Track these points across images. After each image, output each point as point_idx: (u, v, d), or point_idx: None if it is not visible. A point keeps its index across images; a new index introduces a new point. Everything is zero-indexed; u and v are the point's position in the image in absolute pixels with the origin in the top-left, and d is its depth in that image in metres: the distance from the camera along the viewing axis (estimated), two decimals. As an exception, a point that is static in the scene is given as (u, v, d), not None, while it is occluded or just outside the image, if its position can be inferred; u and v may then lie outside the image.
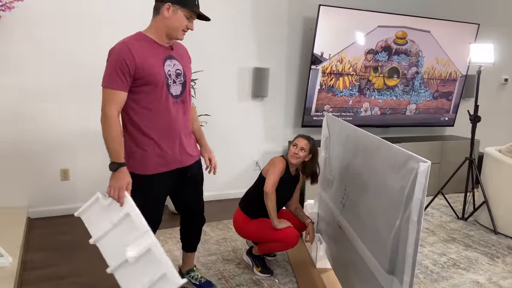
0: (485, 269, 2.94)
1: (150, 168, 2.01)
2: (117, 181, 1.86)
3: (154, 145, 2.00)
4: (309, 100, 4.28)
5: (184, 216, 2.38)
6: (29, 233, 3.19)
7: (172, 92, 2.01)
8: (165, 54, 1.99)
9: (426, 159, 1.58)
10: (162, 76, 1.95)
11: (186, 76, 2.09)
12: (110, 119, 1.86)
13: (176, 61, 2.04)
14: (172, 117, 2.02)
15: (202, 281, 2.48)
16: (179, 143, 2.08)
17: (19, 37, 3.24)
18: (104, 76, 1.89)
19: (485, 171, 3.84)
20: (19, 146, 3.37)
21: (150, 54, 1.93)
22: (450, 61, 4.84)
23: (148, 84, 1.92)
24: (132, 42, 1.91)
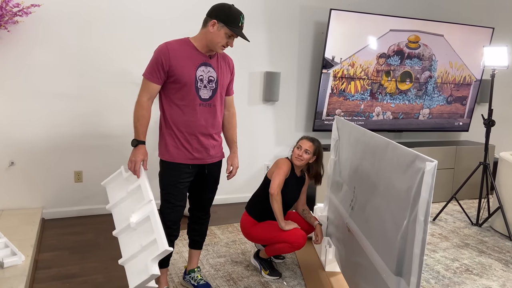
0: (499, 275, 2.88)
1: (170, 156, 2.23)
2: (134, 155, 2.19)
3: (175, 137, 2.22)
4: (320, 104, 4.28)
5: (193, 207, 2.48)
6: (43, 233, 3.25)
7: (201, 95, 2.21)
8: (201, 61, 2.20)
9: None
10: (191, 78, 2.16)
11: (219, 83, 2.26)
12: (139, 102, 2.18)
13: (211, 69, 2.23)
14: (196, 116, 2.21)
15: (200, 283, 2.48)
16: (200, 141, 2.25)
17: (35, 41, 3.33)
18: (147, 68, 2.19)
19: (500, 176, 3.77)
20: (33, 149, 3.45)
21: (186, 58, 2.16)
22: (464, 65, 4.78)
23: (177, 83, 2.16)
24: (173, 44, 2.17)
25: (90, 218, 3.60)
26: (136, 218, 2.12)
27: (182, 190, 2.27)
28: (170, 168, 2.24)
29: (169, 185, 2.25)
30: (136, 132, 2.20)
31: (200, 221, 2.49)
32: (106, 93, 3.61)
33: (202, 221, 2.50)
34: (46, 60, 3.39)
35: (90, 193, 3.68)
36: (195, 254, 2.55)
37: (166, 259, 2.36)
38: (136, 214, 2.13)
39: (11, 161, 3.40)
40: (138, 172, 2.20)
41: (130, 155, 2.21)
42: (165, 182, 2.26)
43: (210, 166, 2.36)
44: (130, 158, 2.20)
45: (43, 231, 3.29)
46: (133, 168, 2.20)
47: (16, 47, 3.28)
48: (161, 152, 2.27)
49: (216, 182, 2.44)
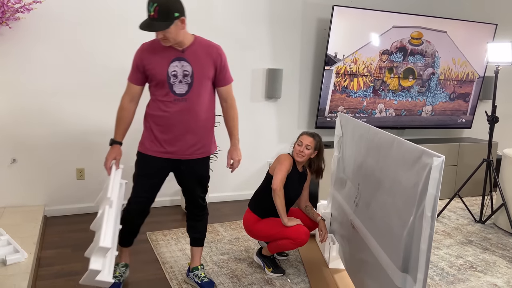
0: (503, 272, 2.87)
1: (143, 148, 2.30)
2: (108, 154, 2.28)
3: (151, 130, 2.27)
4: (322, 101, 4.26)
5: (187, 205, 2.48)
6: (45, 231, 3.24)
7: (175, 90, 2.20)
8: (174, 56, 2.18)
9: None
10: (163, 75, 2.17)
11: (195, 77, 2.20)
12: (120, 104, 2.28)
13: (185, 63, 2.18)
14: (170, 112, 2.21)
15: (203, 281, 2.46)
16: (175, 137, 2.25)
17: (37, 38, 3.32)
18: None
19: (503, 173, 3.76)
20: (35, 146, 3.44)
21: (157, 55, 2.17)
22: (467, 62, 4.76)
23: (152, 80, 2.21)
24: (148, 44, 2.20)
25: (93, 216, 3.59)
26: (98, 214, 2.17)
27: (149, 182, 2.31)
28: (141, 159, 2.31)
29: (137, 175, 2.32)
30: (114, 132, 2.29)
31: (197, 218, 2.47)
32: (108, 90, 3.60)
33: (198, 218, 2.48)
34: (47, 57, 3.37)
35: (92, 190, 3.67)
36: (197, 251, 2.54)
37: (128, 239, 2.47)
38: (99, 211, 2.19)
39: (13, 159, 3.39)
40: (108, 170, 2.26)
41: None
42: (135, 172, 2.33)
43: (189, 163, 2.32)
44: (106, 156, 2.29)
45: (46, 229, 3.29)
46: (104, 166, 2.28)
47: (18, 44, 3.27)
48: (139, 143, 2.34)
49: (202, 180, 2.39)
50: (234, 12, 3.96)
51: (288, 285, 2.57)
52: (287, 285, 2.57)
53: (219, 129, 4.07)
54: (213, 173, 4.11)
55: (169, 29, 2.05)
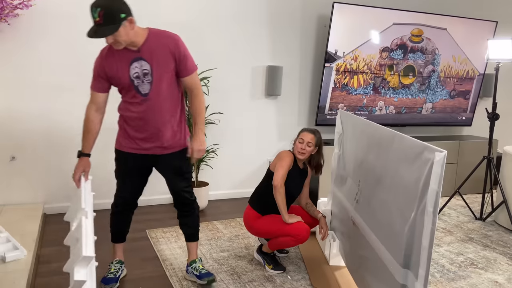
0: (504, 269, 2.86)
1: (119, 145, 2.33)
2: (76, 166, 2.26)
3: (124, 129, 2.30)
4: (322, 99, 4.25)
5: (174, 203, 2.48)
6: (45, 228, 3.23)
7: (141, 90, 2.19)
8: (132, 57, 2.15)
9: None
10: (126, 79, 2.16)
11: (154, 75, 2.17)
12: (85, 115, 2.26)
13: (143, 62, 2.15)
14: (139, 111, 2.21)
15: (202, 272, 2.47)
16: (145, 134, 2.25)
17: (36, 34, 3.30)
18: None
19: (504, 170, 3.75)
20: (35, 143, 3.42)
21: (116, 60, 2.15)
22: (467, 59, 4.75)
23: (117, 85, 2.22)
24: (106, 50, 2.18)
25: (92, 213, 3.58)
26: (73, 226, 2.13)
27: (129, 177, 2.36)
28: (118, 156, 2.35)
29: (117, 171, 2.39)
30: (82, 143, 2.28)
31: (185, 214, 2.47)
32: (107, 87, 3.58)
33: (186, 214, 2.47)
34: (47, 54, 3.36)
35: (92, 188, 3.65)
36: (192, 246, 2.54)
37: (119, 235, 2.51)
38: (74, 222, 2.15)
39: (12, 156, 3.37)
40: (77, 183, 2.23)
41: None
42: (115, 168, 2.39)
43: (166, 158, 2.32)
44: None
45: (45, 226, 3.27)
46: (73, 178, 2.26)
47: (17, 41, 3.25)
48: (115, 141, 2.37)
49: (182, 172, 2.37)
50: (234, 9, 3.95)
51: (289, 282, 2.56)
52: (288, 282, 2.56)
53: (219, 126, 4.06)
54: (213, 171, 4.10)
55: (118, 32, 2.00)
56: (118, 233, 2.52)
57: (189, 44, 3.80)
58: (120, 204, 2.43)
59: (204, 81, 3.87)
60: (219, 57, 3.95)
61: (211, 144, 4.04)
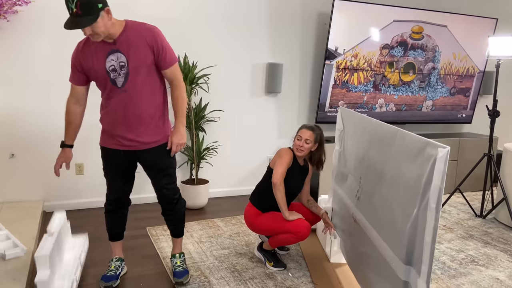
0: (505, 266, 2.86)
1: (102, 141, 2.33)
2: (58, 156, 2.31)
3: (104, 125, 2.28)
4: (323, 96, 4.24)
5: (158, 199, 2.46)
6: (44, 226, 3.22)
7: (118, 83, 2.16)
8: (108, 50, 2.11)
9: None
10: (102, 72, 2.13)
11: (130, 67, 2.13)
12: (66, 107, 2.27)
13: (120, 54, 2.12)
14: (116, 105, 2.18)
15: (176, 270, 2.47)
16: (124, 129, 2.22)
17: (35, 31, 3.28)
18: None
19: (504, 167, 3.75)
20: (34, 141, 3.41)
21: (92, 52, 2.12)
22: (467, 56, 4.74)
23: (94, 79, 2.19)
24: (82, 43, 2.15)
25: (91, 211, 3.57)
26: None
27: (116, 173, 2.34)
28: (103, 153, 2.35)
29: (104, 168, 2.37)
30: (64, 135, 2.31)
31: (167, 213, 2.45)
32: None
33: (169, 212, 2.44)
34: (46, 50, 3.34)
35: (91, 186, 3.65)
36: (175, 241, 2.56)
37: (115, 232, 2.49)
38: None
39: (12, 153, 3.36)
40: (57, 172, 2.30)
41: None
42: (103, 165, 2.38)
43: (146, 153, 2.28)
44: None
45: (45, 224, 3.26)
46: (54, 168, 2.30)
47: (16, 37, 3.24)
48: (100, 137, 2.36)
49: (164, 168, 2.32)
50: (235, 6, 3.93)
51: (290, 279, 2.55)
52: (288, 279, 2.55)
53: (219, 123, 4.05)
54: (213, 168, 4.09)
55: (96, 23, 1.97)
56: (114, 231, 2.50)
57: (189, 40, 3.80)
58: (113, 202, 2.41)
59: (204, 78, 3.86)
60: (219, 54, 3.94)
61: (211, 142, 4.03)
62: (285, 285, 2.48)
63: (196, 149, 3.74)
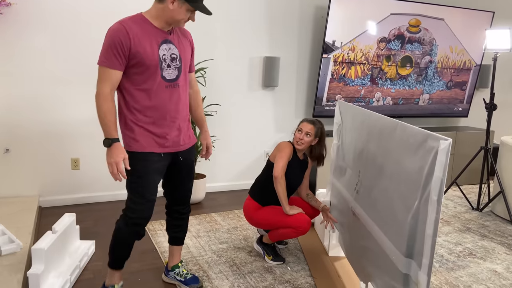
0: (503, 259, 2.87)
1: (138, 146, 2.01)
2: (112, 156, 1.91)
3: (145, 125, 2.01)
4: (320, 90, 4.22)
5: (170, 202, 2.29)
6: (40, 221, 3.19)
7: (166, 76, 2.01)
8: (161, 38, 1.99)
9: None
10: (155, 60, 1.96)
11: (182, 60, 2.06)
12: (102, 95, 1.91)
13: (172, 46, 2.02)
14: (164, 100, 2.01)
15: (187, 277, 2.35)
16: (171, 127, 2.05)
17: (29, 24, 3.23)
18: (101, 54, 1.91)
19: (501, 160, 3.76)
20: (29, 135, 3.37)
21: (145, 37, 1.94)
22: (464, 50, 4.74)
23: (141, 66, 1.94)
24: (129, 23, 1.92)
25: (88, 206, 3.55)
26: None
27: (154, 182, 2.05)
28: (139, 159, 2.00)
29: (139, 178, 2.01)
30: (107, 129, 1.92)
31: (182, 216, 2.31)
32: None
33: (183, 216, 2.31)
34: (40, 44, 3.29)
35: (87, 180, 3.62)
36: (177, 250, 2.38)
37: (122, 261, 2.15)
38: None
39: (6, 148, 3.32)
40: (123, 172, 1.93)
41: (107, 158, 1.92)
42: (135, 174, 2.00)
43: (184, 153, 2.16)
44: (108, 161, 1.90)
45: (41, 219, 3.23)
46: (116, 170, 1.91)
47: (10, 31, 3.19)
48: (127, 143, 2.02)
49: (193, 169, 2.25)
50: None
51: (288, 273, 2.55)
52: (287, 273, 2.55)
53: (216, 117, 4.03)
54: (210, 163, 4.07)
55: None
56: (127, 256, 2.16)
57: (185, 34, 3.76)
58: (146, 220, 2.06)
59: (201, 72, 3.82)
60: (215, 47, 3.90)
61: (208, 136, 4.00)
62: (284, 279, 2.48)
63: (193, 143, 3.72)
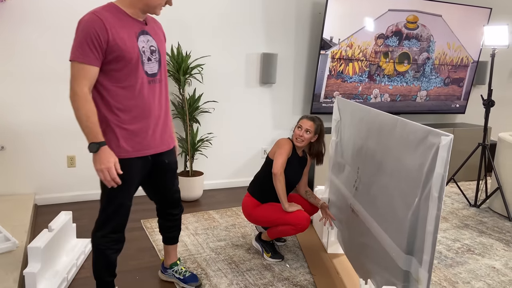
0: (501, 255, 2.87)
1: (123, 152, 1.82)
2: (103, 162, 1.74)
3: (129, 127, 1.82)
4: (318, 87, 4.21)
5: (161, 206, 2.18)
6: (36, 219, 3.16)
7: (148, 70, 1.84)
8: (138, 29, 1.81)
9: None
10: (136, 53, 1.78)
11: (161, 53, 1.91)
12: (80, 96, 1.71)
13: (150, 37, 1.86)
14: (147, 97, 1.84)
15: (186, 275, 2.30)
16: (155, 127, 1.90)
17: (24, 21, 3.19)
18: (74, 48, 1.70)
19: (499, 157, 3.76)
20: (24, 133, 3.34)
21: (122, 28, 1.75)
22: (461, 46, 4.74)
23: (120, 61, 1.75)
24: (103, 13, 1.72)
25: (84, 204, 3.52)
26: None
27: (135, 187, 1.93)
28: (123, 166, 1.82)
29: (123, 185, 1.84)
30: (91, 133, 1.72)
31: (175, 217, 2.21)
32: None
33: (176, 217, 2.22)
34: (35, 41, 3.25)
35: (83, 178, 3.59)
36: (173, 248, 2.31)
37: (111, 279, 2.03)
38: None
39: (1, 146, 3.28)
40: (117, 178, 1.77)
41: (95, 165, 1.75)
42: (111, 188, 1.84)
43: (169, 154, 2.03)
44: (98, 168, 1.74)
45: (37, 217, 3.20)
46: (109, 176, 1.75)
47: (3, 28, 3.14)
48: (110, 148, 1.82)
49: (177, 169, 2.13)
50: (228, -6, 3.87)
51: (287, 271, 2.54)
52: (286, 271, 2.54)
53: (213, 114, 4.00)
54: (207, 160, 4.05)
55: None
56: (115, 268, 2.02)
57: (182, 30, 3.73)
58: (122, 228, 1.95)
59: (198, 69, 3.80)
60: (212, 44, 3.88)
61: (206, 133, 3.98)
62: (283, 276, 2.47)
63: (191, 140, 3.69)
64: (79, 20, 1.73)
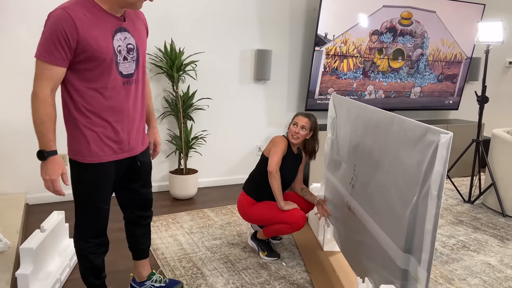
0: (496, 251, 2.88)
1: (94, 156, 1.73)
2: (48, 173, 1.64)
3: (101, 130, 1.72)
4: (312, 83, 4.18)
5: (131, 212, 2.04)
6: (28, 219, 3.11)
7: (122, 70, 1.72)
8: (115, 26, 1.67)
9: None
10: (110, 53, 1.65)
11: (140, 51, 1.78)
12: (40, 97, 1.59)
13: (128, 34, 1.72)
14: (121, 99, 1.73)
15: (167, 282, 2.20)
16: (129, 129, 1.80)
17: (16, 18, 3.13)
18: (40, 45, 1.57)
19: (492, 153, 3.77)
20: (15, 132, 3.28)
21: (96, 25, 1.61)
22: (455, 42, 4.74)
23: (92, 61, 1.62)
24: (75, 9, 1.58)
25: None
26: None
27: (109, 192, 1.84)
28: (94, 170, 1.74)
29: (95, 189, 1.77)
30: (43, 139, 1.62)
31: (147, 221, 2.08)
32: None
33: (148, 220, 2.09)
34: (27, 39, 3.19)
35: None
36: (145, 263, 2.16)
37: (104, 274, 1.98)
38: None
39: (-9, 145, 3.22)
40: (61, 191, 1.67)
41: (41, 173, 1.66)
42: (88, 186, 1.76)
43: (142, 155, 1.92)
44: (43, 178, 1.64)
45: (28, 217, 3.15)
46: (52, 189, 1.66)
47: (-7, 23, 3.08)
48: (78, 152, 1.72)
49: (151, 170, 2.02)
50: (221, -10, 3.82)
51: (284, 269, 2.52)
52: (283, 269, 2.52)
53: (207, 112, 3.97)
54: (202, 158, 4.01)
55: None
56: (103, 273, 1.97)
57: (176, 26, 3.68)
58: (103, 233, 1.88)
59: (192, 65, 3.75)
60: (206, 40, 3.83)
61: (200, 131, 3.94)
62: (279, 275, 2.45)
63: (184, 138, 3.66)
64: (49, 14, 1.59)
